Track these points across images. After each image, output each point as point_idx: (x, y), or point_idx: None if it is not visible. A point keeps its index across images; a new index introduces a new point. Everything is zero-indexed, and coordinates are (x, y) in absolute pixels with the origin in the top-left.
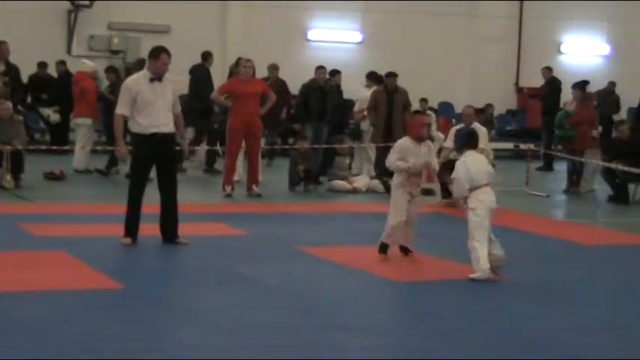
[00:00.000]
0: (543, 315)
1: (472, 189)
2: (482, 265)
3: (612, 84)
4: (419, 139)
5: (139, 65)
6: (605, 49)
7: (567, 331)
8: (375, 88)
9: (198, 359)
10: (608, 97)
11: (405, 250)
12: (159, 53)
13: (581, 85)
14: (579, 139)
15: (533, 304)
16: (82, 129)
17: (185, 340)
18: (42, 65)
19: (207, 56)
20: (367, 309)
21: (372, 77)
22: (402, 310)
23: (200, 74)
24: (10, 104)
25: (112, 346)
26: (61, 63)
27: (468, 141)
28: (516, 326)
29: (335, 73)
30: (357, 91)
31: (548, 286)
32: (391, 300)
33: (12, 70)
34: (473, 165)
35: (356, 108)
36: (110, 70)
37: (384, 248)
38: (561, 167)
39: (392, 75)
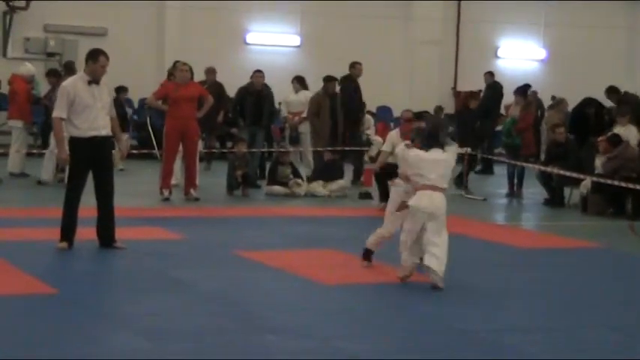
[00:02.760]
0: (471, 317)
1: None
2: None
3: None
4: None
5: (68, 69)
6: (541, 53)
7: (493, 332)
8: (309, 92)
9: None
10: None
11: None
12: (97, 56)
13: (523, 91)
14: (524, 145)
15: (463, 307)
16: (15, 132)
17: (119, 345)
18: None
19: (352, 65)
20: (301, 312)
21: (300, 81)
22: (334, 313)
23: (347, 86)
24: None
25: (43, 351)
26: None
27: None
28: (444, 328)
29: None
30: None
31: (479, 288)
32: (325, 303)
33: None
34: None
35: (284, 112)
36: (51, 73)
37: (368, 254)
38: (502, 171)
39: (332, 79)
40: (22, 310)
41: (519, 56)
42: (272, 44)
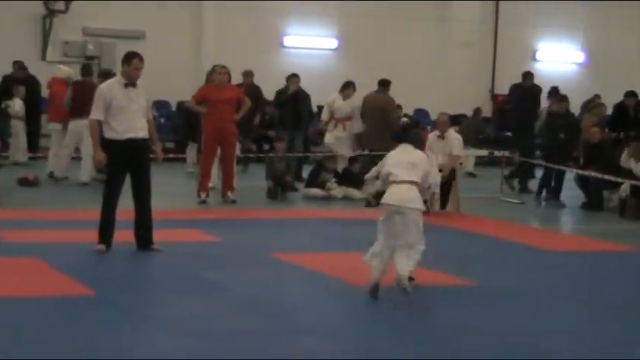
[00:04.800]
0: (502, 319)
1: (389, 183)
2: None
3: (597, 96)
4: None
5: (103, 77)
6: (580, 56)
7: (523, 335)
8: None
9: None
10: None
11: None
12: (131, 58)
13: (556, 93)
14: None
15: (494, 309)
16: (54, 134)
17: (154, 346)
18: (21, 67)
19: (527, 76)
20: (337, 315)
21: (351, 87)
22: (372, 315)
23: (515, 92)
24: None
25: (79, 353)
26: (21, 67)
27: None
28: (473, 330)
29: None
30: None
31: (511, 291)
32: (361, 306)
33: None
34: (393, 158)
35: (324, 117)
36: (85, 69)
37: None
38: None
39: (388, 83)
40: (59, 312)
41: (557, 59)
42: (309, 47)
